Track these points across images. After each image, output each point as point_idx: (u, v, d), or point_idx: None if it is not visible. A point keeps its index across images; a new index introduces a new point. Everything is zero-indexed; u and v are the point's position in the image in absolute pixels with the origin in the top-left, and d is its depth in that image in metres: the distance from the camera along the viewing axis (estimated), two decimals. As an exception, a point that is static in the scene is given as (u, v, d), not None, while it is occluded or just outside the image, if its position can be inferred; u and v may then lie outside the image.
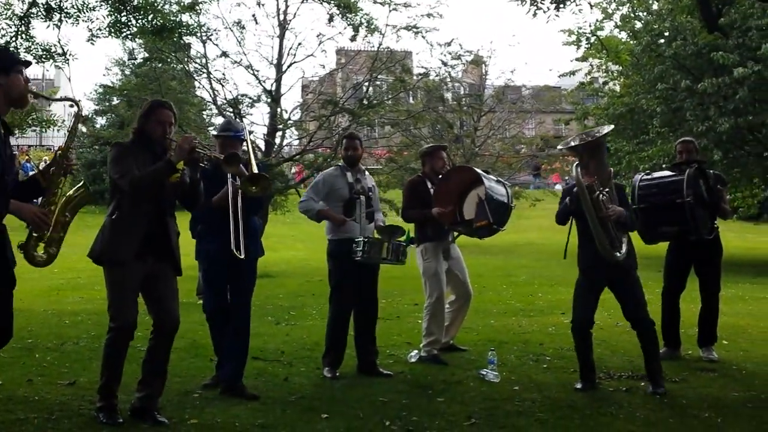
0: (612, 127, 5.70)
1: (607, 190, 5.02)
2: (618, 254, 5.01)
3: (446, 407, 4.63)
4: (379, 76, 15.81)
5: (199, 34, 13.68)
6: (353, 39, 14.31)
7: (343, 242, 5.48)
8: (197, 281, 8.47)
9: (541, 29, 42.17)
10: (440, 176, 6.19)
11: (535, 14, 5.85)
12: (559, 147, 9.57)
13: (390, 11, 14.61)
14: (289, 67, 15.04)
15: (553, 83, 26.74)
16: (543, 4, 5.94)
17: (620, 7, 17.72)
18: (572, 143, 5.30)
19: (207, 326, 5.17)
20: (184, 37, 12.61)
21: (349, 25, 13.89)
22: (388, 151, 18.65)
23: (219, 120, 14.68)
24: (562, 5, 5.91)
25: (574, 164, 5.08)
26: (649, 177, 6.31)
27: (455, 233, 6.62)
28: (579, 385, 5.11)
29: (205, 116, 19.38)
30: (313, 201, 5.61)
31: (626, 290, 5.19)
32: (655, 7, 17.54)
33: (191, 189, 4.23)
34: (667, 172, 6.40)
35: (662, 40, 16.29)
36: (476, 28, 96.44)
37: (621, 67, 17.75)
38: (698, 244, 6.04)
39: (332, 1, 13.78)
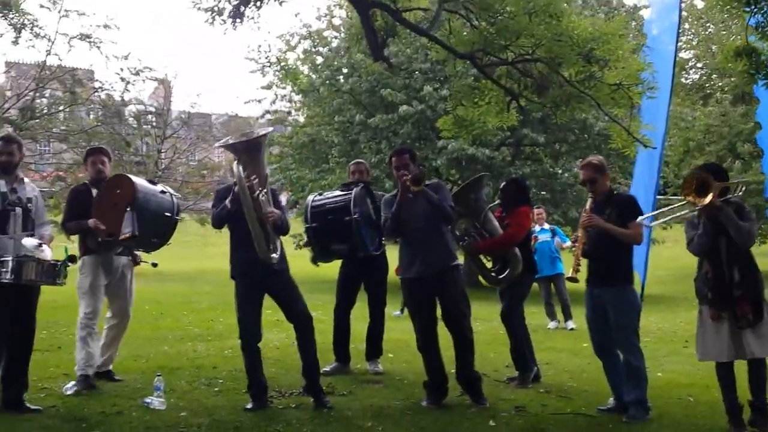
0: (271, 129, 5.79)
1: (265, 191, 5.00)
2: (274, 256, 4.99)
3: (101, 441, 4.17)
4: (47, 87, 14.42)
5: None
6: (15, 42, 12.89)
7: None
8: None
9: (229, 54, 42.44)
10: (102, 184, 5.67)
11: (212, 22, 5.68)
12: (216, 144, 9.50)
13: (60, 18, 13.49)
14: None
15: (240, 111, 27.00)
16: (222, 15, 5.79)
17: (302, 41, 18.53)
18: (231, 141, 5.27)
19: None
20: None
21: (9, 25, 12.50)
22: (56, 170, 17.01)
23: None
24: (239, 20, 5.82)
25: (235, 162, 5.00)
26: (320, 197, 6.43)
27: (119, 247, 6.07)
28: (249, 405, 4.97)
29: None
30: None
31: (285, 291, 5.18)
32: (334, 44, 18.63)
33: None
34: (337, 192, 6.53)
35: (341, 76, 17.33)
36: (160, 47, 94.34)
37: (303, 98, 18.48)
38: (366, 261, 6.31)
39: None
